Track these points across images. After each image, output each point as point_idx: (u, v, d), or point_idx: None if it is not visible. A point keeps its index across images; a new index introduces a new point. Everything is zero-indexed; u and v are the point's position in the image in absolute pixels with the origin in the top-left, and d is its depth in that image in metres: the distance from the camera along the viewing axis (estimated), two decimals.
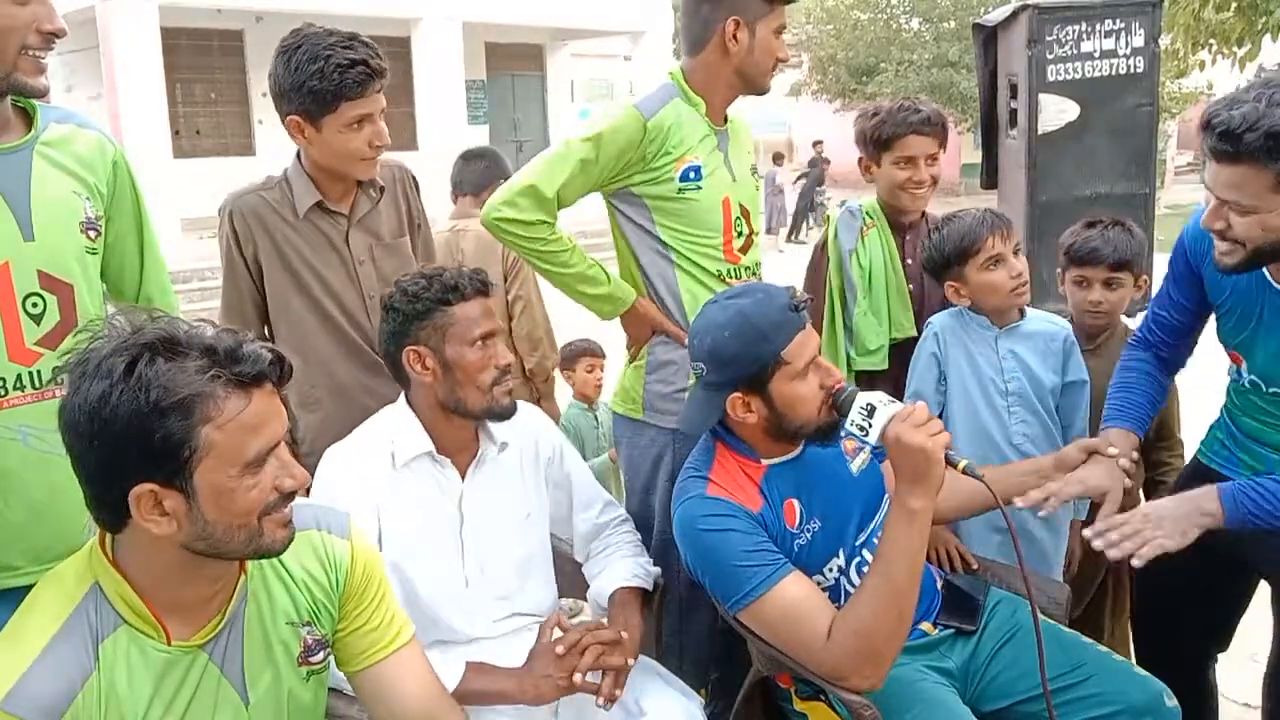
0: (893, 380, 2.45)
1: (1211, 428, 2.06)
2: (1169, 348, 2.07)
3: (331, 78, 1.99)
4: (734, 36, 2.17)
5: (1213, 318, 1.96)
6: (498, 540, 1.95)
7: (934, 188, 2.53)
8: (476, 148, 3.66)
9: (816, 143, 18.30)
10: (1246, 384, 1.89)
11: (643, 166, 2.15)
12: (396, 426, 1.92)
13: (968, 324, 2.31)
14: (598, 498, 2.14)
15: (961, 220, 2.28)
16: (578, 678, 1.70)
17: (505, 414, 1.91)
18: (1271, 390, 1.84)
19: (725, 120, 2.29)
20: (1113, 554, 1.73)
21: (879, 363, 2.51)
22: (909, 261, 2.55)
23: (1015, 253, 2.27)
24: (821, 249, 2.64)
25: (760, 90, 2.28)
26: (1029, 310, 2.34)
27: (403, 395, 1.96)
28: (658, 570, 2.08)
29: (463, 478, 1.94)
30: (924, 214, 2.60)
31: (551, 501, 2.07)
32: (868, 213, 2.58)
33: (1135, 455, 1.96)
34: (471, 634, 1.91)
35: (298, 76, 2.00)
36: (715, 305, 1.82)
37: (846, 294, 2.52)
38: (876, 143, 2.51)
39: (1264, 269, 1.74)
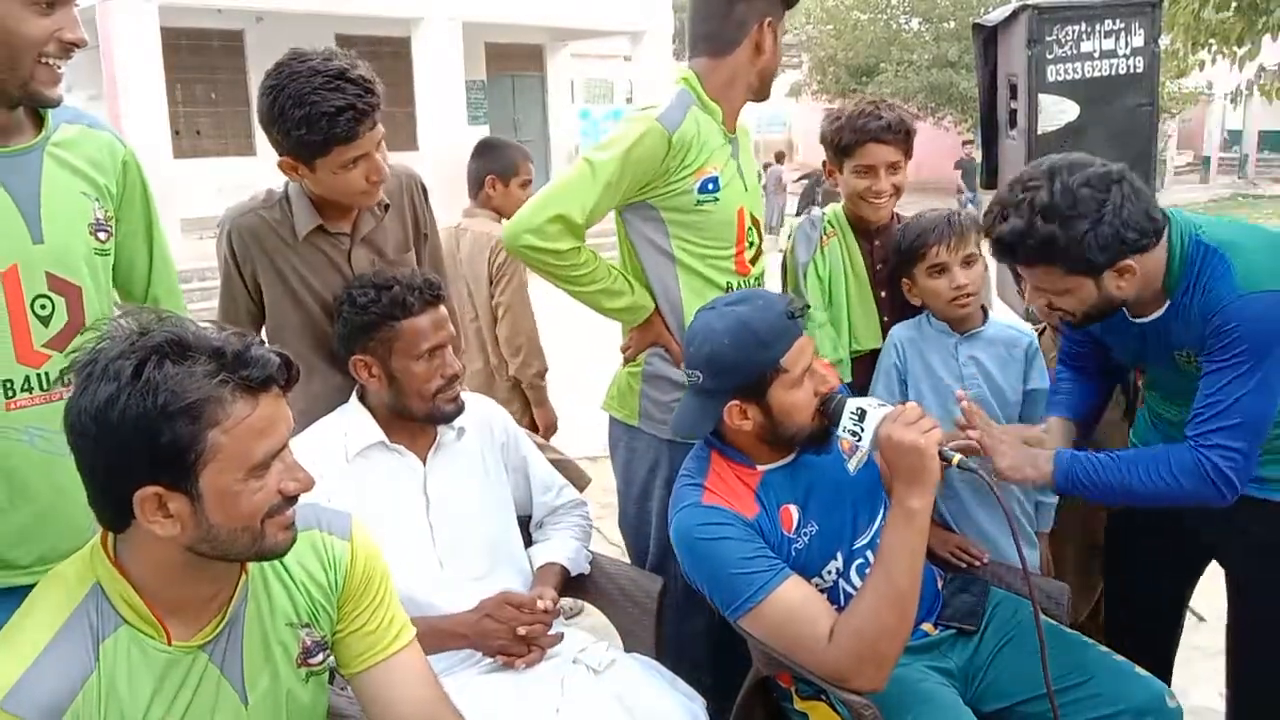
0: (858, 393, 2.40)
1: (1139, 413, 2.14)
2: (1090, 369, 2.15)
3: (319, 126, 1.84)
4: (766, 37, 2.15)
5: None
6: (466, 521, 1.99)
7: (897, 197, 2.43)
8: (479, 141, 3.52)
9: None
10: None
11: (664, 181, 2.09)
12: (348, 421, 1.98)
13: (927, 332, 2.30)
14: (555, 481, 2.24)
15: (920, 221, 2.28)
16: (532, 656, 1.89)
17: (448, 419, 1.98)
18: (1165, 395, 1.96)
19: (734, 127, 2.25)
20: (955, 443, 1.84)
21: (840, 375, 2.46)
22: (879, 267, 2.46)
23: (969, 263, 2.23)
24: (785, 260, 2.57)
25: (768, 95, 2.25)
26: (992, 316, 2.33)
27: (355, 392, 2.01)
28: (589, 558, 2.19)
29: (424, 463, 1.98)
30: (896, 215, 2.52)
31: (510, 485, 2.15)
32: (829, 221, 2.50)
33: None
34: (453, 613, 1.92)
35: (283, 124, 1.86)
36: (712, 312, 1.79)
37: None
38: (837, 148, 2.44)
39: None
